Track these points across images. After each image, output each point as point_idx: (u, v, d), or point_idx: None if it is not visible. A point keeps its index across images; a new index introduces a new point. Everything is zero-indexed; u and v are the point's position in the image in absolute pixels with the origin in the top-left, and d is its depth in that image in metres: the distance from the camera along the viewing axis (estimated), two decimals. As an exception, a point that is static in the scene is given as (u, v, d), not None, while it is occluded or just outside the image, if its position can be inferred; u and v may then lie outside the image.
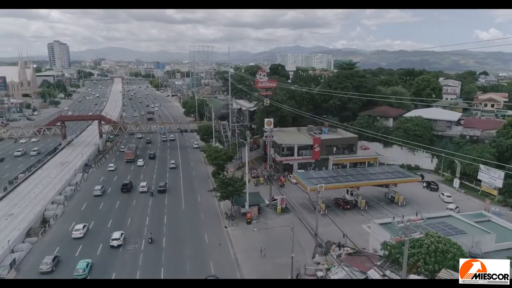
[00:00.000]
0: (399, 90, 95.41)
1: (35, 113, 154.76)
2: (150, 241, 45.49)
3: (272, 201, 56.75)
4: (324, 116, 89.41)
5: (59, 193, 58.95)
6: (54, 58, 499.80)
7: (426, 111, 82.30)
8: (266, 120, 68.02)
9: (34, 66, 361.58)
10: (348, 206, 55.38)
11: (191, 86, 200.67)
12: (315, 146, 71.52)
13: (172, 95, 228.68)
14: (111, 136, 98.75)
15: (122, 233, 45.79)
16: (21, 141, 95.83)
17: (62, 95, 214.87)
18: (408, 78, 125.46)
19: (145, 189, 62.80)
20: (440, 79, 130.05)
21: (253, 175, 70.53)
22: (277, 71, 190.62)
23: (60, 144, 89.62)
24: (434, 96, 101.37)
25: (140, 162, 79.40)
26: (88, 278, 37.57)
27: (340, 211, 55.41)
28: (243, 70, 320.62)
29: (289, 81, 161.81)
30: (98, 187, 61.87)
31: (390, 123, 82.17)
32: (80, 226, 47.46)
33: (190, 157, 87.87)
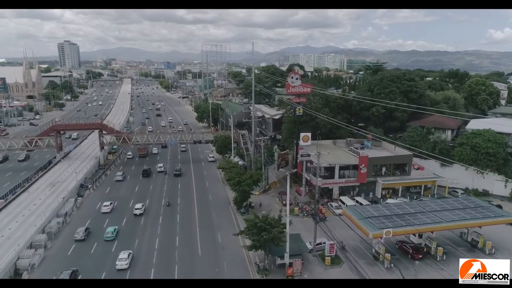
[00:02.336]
0: (451, 95, 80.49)
1: (37, 116, 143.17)
2: (167, 204, 57.08)
3: (317, 245, 43.11)
4: (360, 125, 75.48)
5: (41, 229, 46.21)
6: (64, 58, 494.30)
7: (492, 122, 67.52)
8: (302, 135, 54.47)
9: (45, 66, 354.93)
10: (420, 256, 41.30)
11: (203, 88, 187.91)
12: (361, 166, 57.59)
13: (183, 97, 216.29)
14: (115, 147, 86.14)
15: (143, 204, 55.19)
16: None
17: (68, 97, 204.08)
18: (451, 80, 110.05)
19: (162, 169, 74.48)
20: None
21: (283, 203, 56.94)
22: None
23: (55, 157, 77.34)
24: (491, 102, 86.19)
25: (155, 150, 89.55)
26: (115, 241, 45.57)
27: (408, 261, 41.37)
28: (256, 71, 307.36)
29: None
30: (120, 173, 70.31)
31: (448, 136, 67.68)
32: (107, 203, 55.70)
33: (204, 174, 74.55)
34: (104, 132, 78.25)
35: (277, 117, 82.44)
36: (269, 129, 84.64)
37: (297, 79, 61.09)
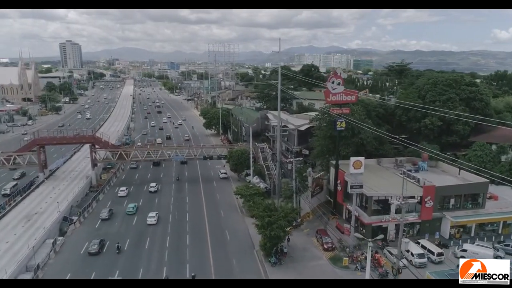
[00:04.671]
0: (515, 103, 66.83)
1: (30, 122, 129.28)
2: (177, 178, 68.81)
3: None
4: (401, 136, 62.13)
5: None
6: (66, 58, 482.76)
7: None
8: (352, 159, 41.07)
9: (47, 66, 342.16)
10: None
11: (209, 90, 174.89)
12: (426, 199, 44.10)
13: (188, 99, 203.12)
14: (111, 163, 72.95)
15: (156, 184, 63.80)
16: None
17: (67, 99, 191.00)
18: (498, 82, 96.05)
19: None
20: None
21: (325, 247, 43.55)
22: (309, 73, 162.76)
23: (38, 177, 64.44)
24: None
25: (159, 140, 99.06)
26: (135, 215, 53.44)
27: None
28: (263, 72, 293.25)
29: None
30: (133, 163, 74.75)
31: (525, 155, 54.04)
32: (123, 188, 61.58)
33: (218, 197, 61.30)
34: (97, 146, 65.19)
35: (303, 128, 69.21)
36: (293, 143, 71.27)
37: (339, 84, 47.70)
